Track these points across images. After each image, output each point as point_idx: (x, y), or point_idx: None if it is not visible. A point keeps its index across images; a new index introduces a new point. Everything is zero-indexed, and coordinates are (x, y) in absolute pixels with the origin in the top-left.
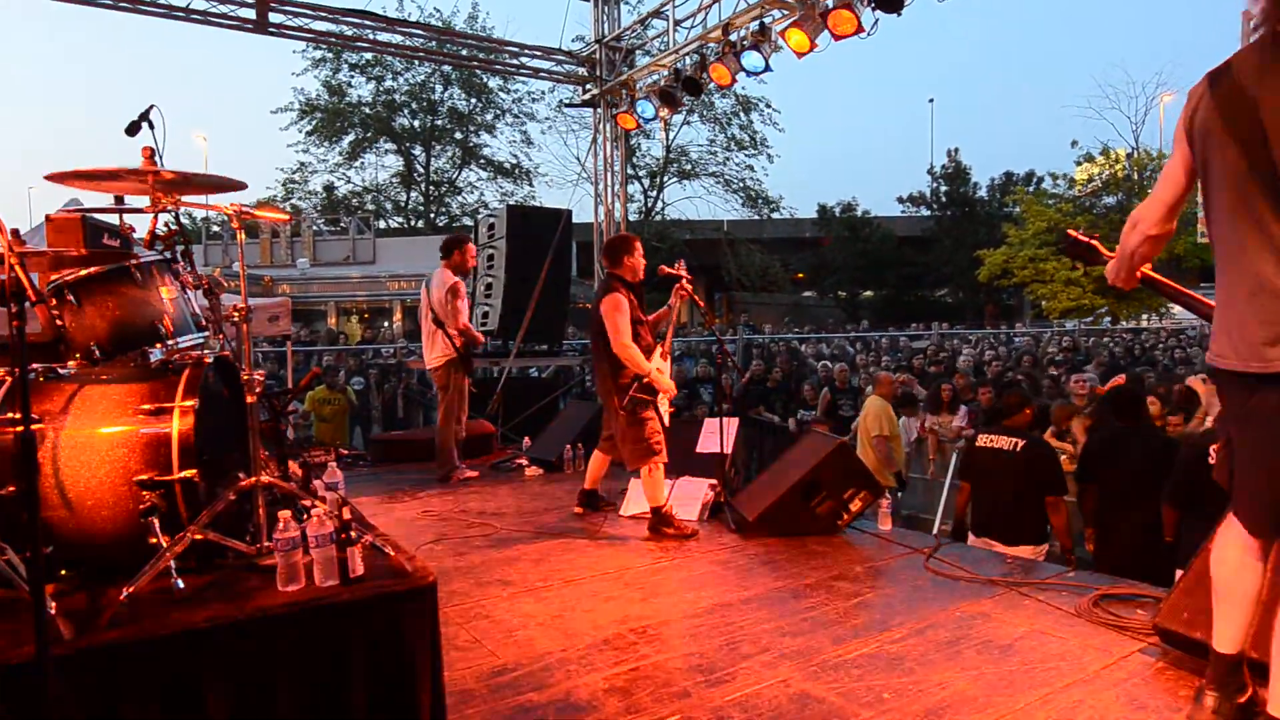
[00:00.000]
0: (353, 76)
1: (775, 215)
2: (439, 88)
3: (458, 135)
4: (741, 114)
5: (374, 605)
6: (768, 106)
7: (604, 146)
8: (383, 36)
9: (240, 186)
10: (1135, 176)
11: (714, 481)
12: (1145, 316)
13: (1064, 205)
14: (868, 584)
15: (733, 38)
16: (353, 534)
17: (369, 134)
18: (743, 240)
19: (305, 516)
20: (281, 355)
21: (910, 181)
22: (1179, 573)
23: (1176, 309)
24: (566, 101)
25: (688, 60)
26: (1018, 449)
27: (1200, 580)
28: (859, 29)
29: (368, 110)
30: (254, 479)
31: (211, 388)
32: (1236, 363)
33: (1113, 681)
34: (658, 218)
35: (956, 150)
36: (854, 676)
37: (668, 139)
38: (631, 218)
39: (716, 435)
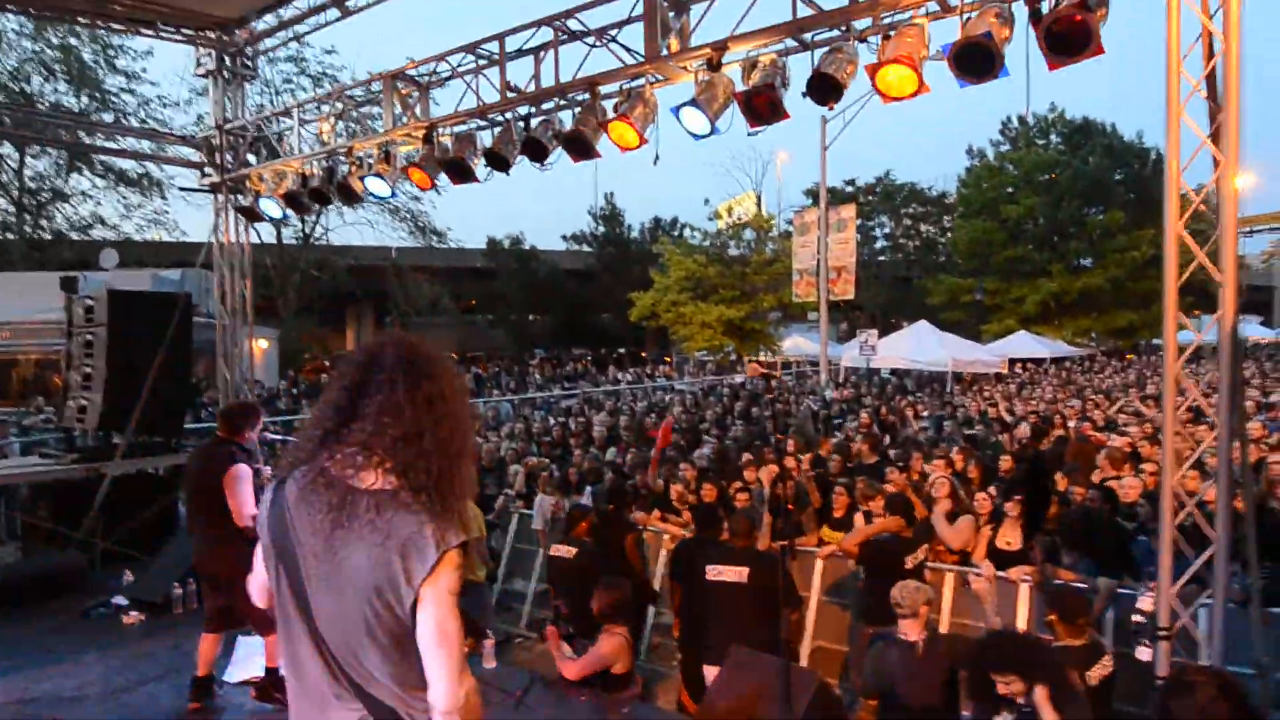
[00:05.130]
0: None
1: (443, 245)
2: (37, 79)
3: (63, 135)
4: None
5: None
6: None
7: (230, 230)
8: None
9: None
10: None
11: None
12: (762, 353)
13: (699, 257)
14: None
15: (358, 155)
16: None
17: None
18: (410, 268)
19: None
20: None
21: (573, 221)
22: None
23: (787, 345)
24: (183, 187)
25: (316, 164)
26: (573, 555)
27: None
28: (470, 179)
29: None
30: None
31: None
32: None
33: None
34: (318, 243)
35: (612, 194)
36: None
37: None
38: (288, 242)
39: None
